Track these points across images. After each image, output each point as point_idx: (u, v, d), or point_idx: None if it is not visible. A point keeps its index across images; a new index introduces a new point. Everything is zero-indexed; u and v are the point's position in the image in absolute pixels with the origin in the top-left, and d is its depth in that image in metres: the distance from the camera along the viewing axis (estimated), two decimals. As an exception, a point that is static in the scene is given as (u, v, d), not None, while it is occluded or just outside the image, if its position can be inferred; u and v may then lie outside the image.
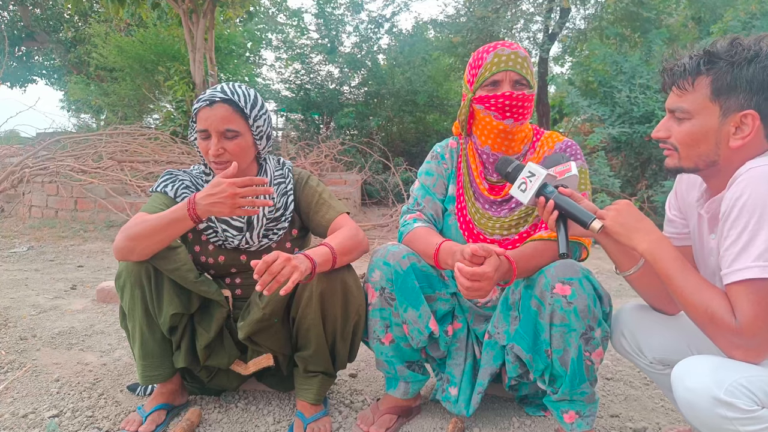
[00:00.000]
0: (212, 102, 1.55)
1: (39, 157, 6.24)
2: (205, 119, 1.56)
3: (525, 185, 1.36)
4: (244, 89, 1.61)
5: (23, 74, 17.77)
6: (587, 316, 1.37)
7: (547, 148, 1.64)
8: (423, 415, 1.77)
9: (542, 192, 1.34)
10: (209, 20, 7.79)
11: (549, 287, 1.39)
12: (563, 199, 1.32)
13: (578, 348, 1.40)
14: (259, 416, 1.75)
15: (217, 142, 1.55)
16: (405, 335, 1.60)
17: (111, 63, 10.63)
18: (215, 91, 1.57)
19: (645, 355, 1.41)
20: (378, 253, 1.61)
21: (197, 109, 1.57)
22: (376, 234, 5.69)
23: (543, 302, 1.41)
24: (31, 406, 1.76)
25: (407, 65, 9.85)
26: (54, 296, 3.14)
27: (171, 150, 6.81)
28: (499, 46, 1.57)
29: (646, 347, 1.40)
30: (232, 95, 1.57)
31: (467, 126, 1.68)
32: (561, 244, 1.29)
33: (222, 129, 1.56)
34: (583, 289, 1.37)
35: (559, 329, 1.40)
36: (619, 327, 1.46)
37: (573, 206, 1.30)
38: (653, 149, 6.35)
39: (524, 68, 1.54)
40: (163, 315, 1.55)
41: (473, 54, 1.64)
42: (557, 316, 1.39)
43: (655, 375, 1.46)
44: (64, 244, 4.88)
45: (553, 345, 1.42)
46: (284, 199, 1.73)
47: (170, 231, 1.47)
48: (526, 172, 1.37)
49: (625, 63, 6.69)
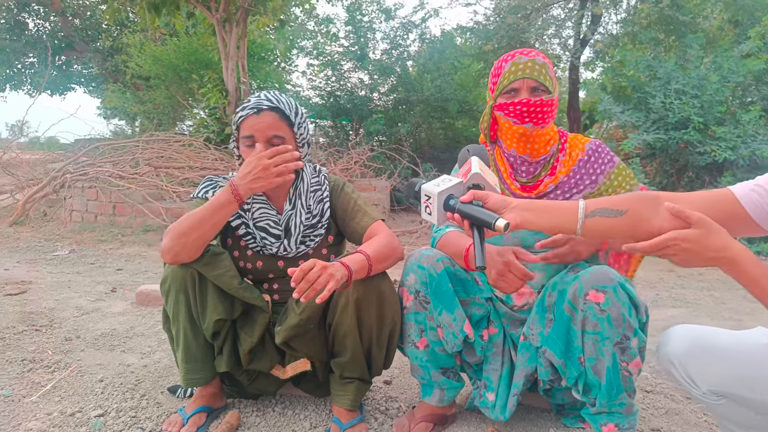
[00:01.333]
0: (259, 110, 1.59)
1: (79, 163, 6.45)
2: (251, 126, 1.59)
3: (429, 208, 1.31)
4: (286, 98, 1.65)
5: (63, 82, 18.38)
6: (621, 324, 1.35)
7: (579, 150, 1.67)
8: (458, 424, 1.77)
9: (448, 207, 1.28)
10: (242, 29, 7.95)
11: (582, 293, 1.38)
12: (465, 206, 1.25)
13: (613, 357, 1.38)
14: (296, 421, 1.77)
15: (263, 149, 1.59)
16: (439, 339, 1.60)
17: (146, 72, 10.92)
18: (261, 99, 1.61)
19: (698, 385, 1.28)
20: (412, 257, 1.63)
21: (243, 117, 1.61)
22: (405, 240, 5.70)
23: (576, 308, 1.40)
24: (77, 405, 1.82)
25: (437, 72, 9.86)
26: (95, 298, 3.24)
27: (205, 156, 6.95)
28: (517, 54, 1.61)
29: (699, 378, 1.27)
30: (278, 103, 1.61)
31: (490, 133, 1.73)
32: (477, 256, 1.21)
33: (269, 136, 1.60)
34: (617, 297, 1.35)
35: (591, 336, 1.39)
36: (667, 354, 1.33)
37: (476, 210, 1.23)
38: (689, 156, 6.21)
39: (542, 75, 1.57)
40: (207, 320, 1.59)
41: (495, 63, 1.68)
42: (590, 323, 1.38)
43: (708, 405, 1.32)
44: (103, 248, 5.02)
45: (586, 352, 1.41)
46: (320, 206, 1.76)
47: (217, 217, 1.53)
48: (423, 196, 1.32)
49: (660, 68, 6.57)
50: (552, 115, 1.62)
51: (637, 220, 1.19)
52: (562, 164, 1.66)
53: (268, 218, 1.71)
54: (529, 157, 1.66)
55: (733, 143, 5.84)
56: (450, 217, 1.29)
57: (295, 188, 1.74)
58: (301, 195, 1.73)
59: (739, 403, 1.22)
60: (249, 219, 1.71)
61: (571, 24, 9.17)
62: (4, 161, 7.69)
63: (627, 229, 1.20)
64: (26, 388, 1.94)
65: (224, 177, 1.78)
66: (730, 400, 1.24)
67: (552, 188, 1.65)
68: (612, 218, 1.20)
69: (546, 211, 1.24)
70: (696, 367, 1.27)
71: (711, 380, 1.25)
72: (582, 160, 1.66)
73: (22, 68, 17.41)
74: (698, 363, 1.27)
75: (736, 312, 3.39)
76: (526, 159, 1.67)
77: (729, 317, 3.27)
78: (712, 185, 5.98)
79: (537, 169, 1.68)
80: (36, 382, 1.99)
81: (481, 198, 1.25)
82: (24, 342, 2.39)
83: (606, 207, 1.21)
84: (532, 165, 1.68)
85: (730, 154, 5.79)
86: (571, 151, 1.68)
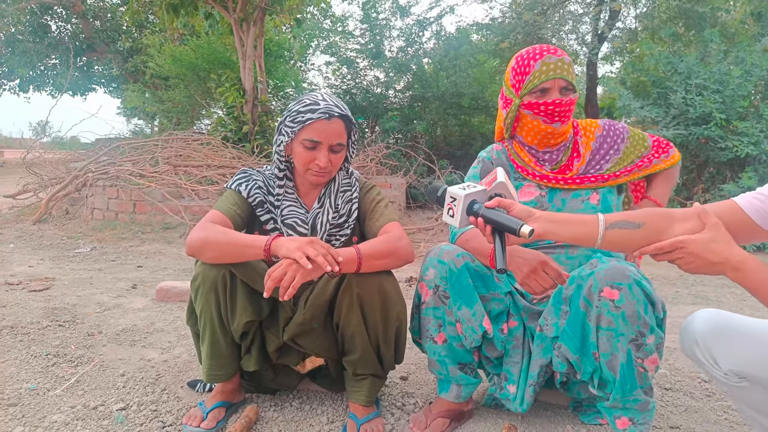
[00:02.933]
0: (331, 116, 1.61)
1: (100, 162, 6.55)
2: (321, 131, 1.61)
3: (452, 210, 1.35)
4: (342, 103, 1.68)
5: (84, 83, 18.71)
6: (636, 321, 1.35)
7: (594, 128, 1.75)
8: (475, 420, 1.77)
9: (471, 211, 1.32)
10: (259, 28, 8.00)
11: (597, 290, 1.38)
12: (490, 212, 1.29)
13: (627, 353, 1.37)
14: (313, 416, 1.79)
15: (327, 155, 1.63)
16: (458, 335, 1.61)
17: (165, 71, 11.07)
18: (330, 105, 1.62)
19: (720, 366, 1.31)
20: (432, 252, 1.64)
21: (311, 119, 1.60)
22: (421, 237, 5.70)
23: (591, 304, 1.40)
24: (100, 399, 1.86)
25: (452, 68, 9.82)
26: (116, 295, 3.29)
27: (222, 154, 7.01)
28: (545, 53, 1.62)
29: (721, 358, 1.30)
30: (346, 111, 1.65)
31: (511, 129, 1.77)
32: (498, 259, 1.25)
33: (334, 143, 1.63)
34: (632, 294, 1.34)
35: (605, 333, 1.38)
36: (692, 334, 1.36)
37: (500, 217, 1.27)
38: (710, 152, 6.11)
39: (570, 74, 1.62)
40: (236, 322, 1.60)
41: (516, 57, 1.69)
42: (604, 319, 1.37)
43: (729, 387, 1.35)
44: (124, 245, 5.11)
45: (601, 348, 1.40)
46: (348, 207, 1.77)
47: (244, 254, 1.52)
48: (449, 198, 1.35)
49: (680, 63, 6.46)
50: (573, 111, 1.67)
51: (654, 232, 1.26)
52: (582, 145, 1.72)
53: (297, 216, 1.73)
54: (549, 148, 1.73)
55: (755, 138, 5.73)
56: (472, 222, 1.33)
57: (326, 188, 1.76)
58: (331, 194, 1.75)
59: (762, 386, 1.22)
60: (278, 216, 1.73)
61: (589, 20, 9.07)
62: (28, 161, 7.85)
63: (644, 241, 1.26)
64: (50, 381, 1.99)
65: (258, 170, 1.80)
66: (752, 383, 1.25)
67: (583, 169, 1.69)
68: (630, 230, 1.27)
69: (568, 223, 1.31)
70: (719, 347, 1.29)
71: (733, 360, 1.27)
72: (600, 135, 1.73)
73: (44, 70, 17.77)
74: (722, 343, 1.29)
75: (757, 309, 3.34)
76: (547, 150, 1.73)
77: (750, 314, 3.20)
78: (734, 181, 5.86)
79: (559, 156, 1.72)
80: (60, 376, 2.04)
81: (506, 206, 1.30)
82: (48, 337, 2.45)
83: (624, 220, 1.29)
84: (553, 153, 1.73)
85: (753, 150, 5.68)
86: (585, 132, 1.75)
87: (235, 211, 1.68)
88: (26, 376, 2.02)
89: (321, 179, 1.69)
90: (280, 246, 1.45)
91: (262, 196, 1.73)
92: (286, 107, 1.68)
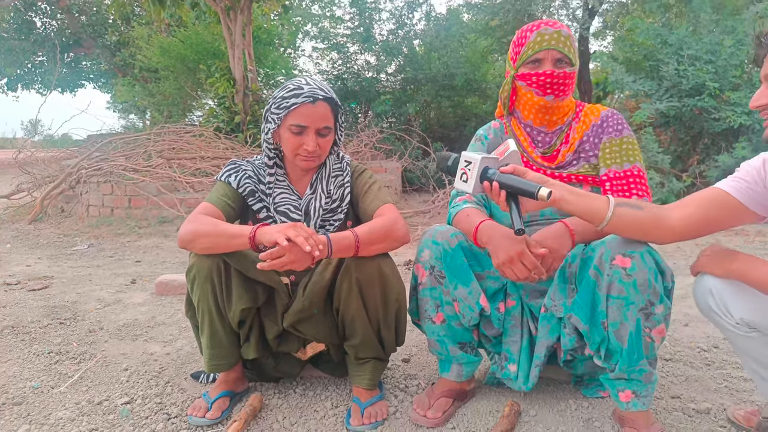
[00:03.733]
0: (315, 99, 1.60)
1: (93, 159, 6.50)
2: (307, 115, 1.60)
3: (466, 175, 1.37)
4: (328, 86, 1.67)
5: (72, 79, 18.53)
6: (647, 290, 1.35)
7: (594, 116, 1.67)
8: (478, 398, 1.79)
9: (485, 177, 1.35)
10: (246, 16, 7.90)
11: (609, 258, 1.38)
12: (506, 176, 1.32)
13: (636, 322, 1.38)
14: (317, 401, 1.80)
15: (314, 139, 1.62)
16: (456, 313, 1.61)
17: (155, 64, 10.94)
18: (314, 88, 1.61)
19: (732, 314, 1.34)
20: (427, 233, 1.65)
21: (296, 104, 1.59)
22: (418, 220, 5.70)
23: (602, 272, 1.40)
24: (104, 394, 1.87)
25: (443, 49, 9.74)
26: (116, 290, 3.29)
27: (216, 146, 6.97)
28: (542, 25, 1.60)
29: (734, 307, 1.33)
30: (331, 93, 1.64)
31: (509, 103, 1.73)
32: (515, 221, 1.30)
33: (321, 126, 1.62)
34: (644, 262, 1.35)
35: (616, 301, 1.38)
36: (707, 285, 1.39)
37: (517, 181, 1.31)
38: (704, 123, 6.10)
39: (566, 46, 1.58)
40: (232, 310, 1.61)
41: (518, 32, 1.68)
42: (615, 287, 1.37)
43: (738, 337, 1.38)
44: (121, 241, 5.10)
45: (610, 317, 1.41)
46: (341, 191, 1.77)
47: (232, 244, 1.52)
48: (463, 162, 1.38)
49: (671, 35, 6.42)
50: (572, 88, 1.63)
51: (655, 216, 1.34)
52: (575, 131, 1.68)
53: (289, 203, 1.74)
54: (546, 128, 1.69)
55: (749, 108, 5.72)
56: (486, 188, 1.36)
57: (317, 174, 1.76)
58: (323, 180, 1.75)
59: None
60: (270, 204, 1.73)
61: (579, -6, 8.98)
62: (20, 160, 7.80)
63: (649, 222, 1.33)
64: (54, 379, 2.00)
65: (248, 161, 1.80)
66: (762, 333, 1.29)
67: (570, 157, 1.66)
68: (636, 211, 1.33)
69: (582, 195, 1.35)
70: (732, 296, 1.33)
71: (745, 309, 1.31)
72: (595, 125, 1.67)
73: (32, 67, 17.58)
74: (735, 292, 1.33)
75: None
76: (543, 130, 1.69)
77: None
78: (728, 152, 5.86)
79: (553, 139, 1.70)
80: (63, 373, 2.05)
81: (521, 173, 1.33)
82: (49, 335, 2.45)
83: (628, 202, 1.36)
84: (548, 135, 1.70)
85: (746, 119, 5.67)
86: (585, 117, 1.69)
87: (225, 202, 1.68)
88: (29, 374, 2.03)
89: (311, 164, 1.68)
90: (263, 233, 1.45)
91: (252, 186, 1.73)
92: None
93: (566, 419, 1.65)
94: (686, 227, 1.33)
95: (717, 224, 1.34)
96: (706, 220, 1.33)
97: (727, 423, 1.61)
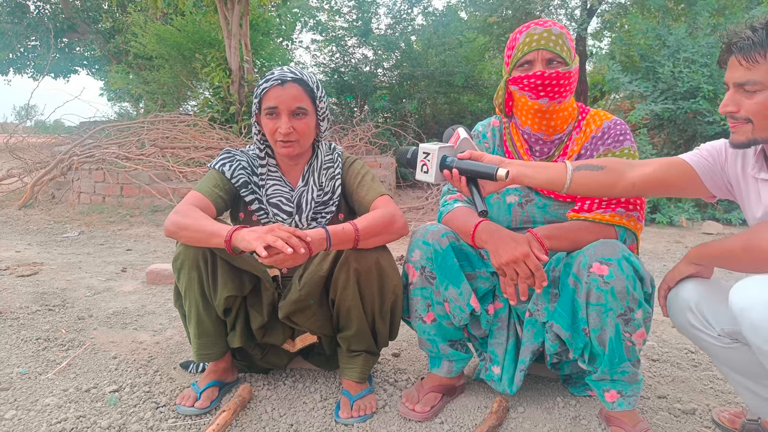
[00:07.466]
0: (284, 81, 1.60)
1: (86, 146, 6.45)
2: (276, 98, 1.60)
3: (426, 166, 1.42)
4: (308, 72, 1.67)
5: (66, 65, 18.29)
6: (625, 297, 1.36)
7: (595, 127, 1.60)
8: (467, 394, 1.80)
9: (444, 165, 1.40)
10: (243, 6, 7.85)
11: (586, 266, 1.38)
12: (464, 162, 1.38)
13: (616, 327, 1.39)
14: (306, 393, 1.80)
15: (288, 121, 1.61)
16: (447, 313, 1.62)
17: (150, 51, 10.82)
18: (284, 71, 1.62)
19: (713, 326, 1.34)
20: (417, 233, 1.64)
21: (266, 88, 1.62)
22: (411, 216, 5.71)
23: (580, 280, 1.40)
24: (92, 382, 1.86)
25: (441, 46, 9.73)
26: (106, 278, 3.28)
27: (210, 135, 6.93)
28: (532, 25, 1.54)
29: (713, 318, 1.33)
30: (302, 75, 1.63)
31: (506, 108, 1.67)
32: (477, 203, 1.34)
33: (293, 107, 1.61)
34: (621, 270, 1.35)
35: (595, 308, 1.39)
36: (684, 302, 1.39)
37: (475, 165, 1.36)
38: (698, 126, 6.14)
39: (558, 45, 1.49)
40: (218, 297, 1.60)
41: (511, 35, 1.61)
42: (593, 295, 1.38)
43: (720, 350, 1.36)
44: (112, 229, 5.07)
45: (591, 324, 1.42)
46: (332, 183, 1.76)
47: (211, 242, 1.49)
48: (422, 154, 1.43)
49: (669, 36, 6.44)
50: (570, 89, 1.54)
51: (615, 174, 1.39)
52: (574, 143, 1.61)
53: (281, 195, 1.73)
54: (544, 136, 1.61)
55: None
56: (447, 176, 1.40)
57: (309, 165, 1.75)
58: (314, 172, 1.75)
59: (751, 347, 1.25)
60: (263, 195, 1.72)
61: (578, -7, 8.99)
62: (11, 145, 7.72)
63: (608, 182, 1.39)
64: (42, 365, 1.98)
65: (242, 151, 1.79)
66: (743, 343, 1.29)
67: None
68: (594, 172, 1.39)
69: (539, 167, 1.41)
70: (711, 307, 1.35)
71: (725, 320, 1.32)
72: (595, 137, 1.59)
73: (24, 52, 17.34)
74: (713, 303, 1.35)
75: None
76: (541, 137, 1.62)
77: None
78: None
79: (551, 150, 1.63)
80: (51, 360, 2.04)
81: (477, 157, 1.38)
82: (38, 321, 2.43)
83: (587, 163, 1.42)
84: (546, 144, 1.63)
85: (740, 124, 5.70)
86: (586, 127, 1.61)
87: (216, 192, 1.67)
88: (17, 360, 2.01)
89: (290, 149, 1.66)
90: (240, 239, 1.41)
91: (246, 177, 1.72)
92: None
93: (554, 416, 1.66)
94: (645, 184, 1.38)
95: (672, 188, 1.41)
96: (663, 181, 1.38)
97: (712, 424, 1.63)
